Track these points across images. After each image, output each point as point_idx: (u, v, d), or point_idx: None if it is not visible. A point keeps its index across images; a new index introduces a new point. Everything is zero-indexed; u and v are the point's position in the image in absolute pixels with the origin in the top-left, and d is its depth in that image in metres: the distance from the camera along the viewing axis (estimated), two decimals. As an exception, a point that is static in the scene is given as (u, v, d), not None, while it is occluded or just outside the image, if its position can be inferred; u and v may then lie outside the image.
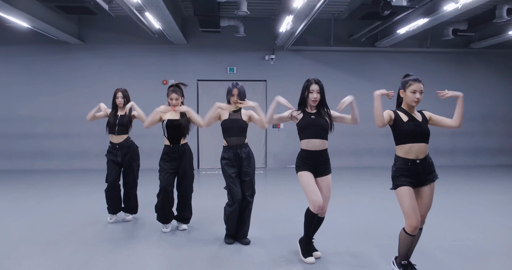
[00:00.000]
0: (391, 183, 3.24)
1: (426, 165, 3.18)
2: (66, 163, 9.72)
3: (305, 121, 3.63)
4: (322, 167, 3.64)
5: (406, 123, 3.17)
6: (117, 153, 4.89)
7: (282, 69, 10.17)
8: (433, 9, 7.17)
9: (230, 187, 4.07)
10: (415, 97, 3.16)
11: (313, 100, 3.63)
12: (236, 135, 4.12)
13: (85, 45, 9.76)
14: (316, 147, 3.60)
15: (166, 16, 7.17)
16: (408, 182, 3.12)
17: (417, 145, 3.15)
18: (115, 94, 4.93)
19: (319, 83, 3.69)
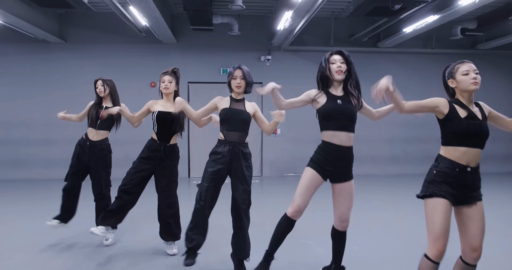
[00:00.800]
0: (406, 191, 2.57)
1: (477, 177, 2.51)
2: (45, 172, 8.96)
3: (330, 106, 2.92)
4: (344, 169, 2.96)
5: (464, 120, 2.49)
6: (86, 150, 4.18)
7: (279, 70, 9.52)
8: (446, 4, 6.58)
9: (207, 188, 3.19)
10: (471, 79, 2.52)
11: (337, 70, 2.92)
12: (237, 130, 3.29)
13: (66, 44, 9.03)
14: (342, 142, 2.91)
15: (153, 11, 6.50)
16: (448, 194, 2.44)
17: (473, 151, 2.47)
18: (95, 83, 4.31)
19: (344, 53, 3.01)
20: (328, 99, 2.95)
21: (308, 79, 10.04)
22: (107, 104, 4.26)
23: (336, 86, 3.01)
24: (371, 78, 10.71)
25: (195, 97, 9.33)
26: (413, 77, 9.92)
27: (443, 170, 2.49)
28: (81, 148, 4.23)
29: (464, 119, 2.50)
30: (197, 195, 3.24)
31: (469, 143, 2.48)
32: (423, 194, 2.53)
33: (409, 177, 9.34)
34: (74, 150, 4.28)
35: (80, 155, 4.21)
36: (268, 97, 3.00)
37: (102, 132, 4.23)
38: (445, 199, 2.44)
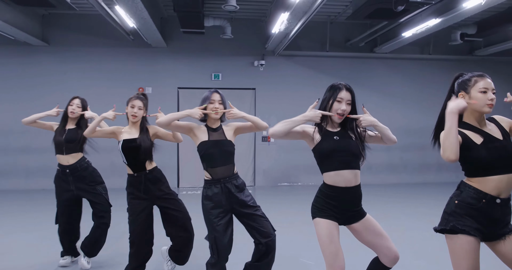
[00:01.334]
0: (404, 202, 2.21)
1: (507, 211, 2.14)
2: (23, 182, 8.43)
3: (327, 144, 2.51)
4: (352, 210, 2.51)
5: (481, 146, 2.11)
6: (69, 179, 3.73)
7: (272, 76, 9.16)
8: (449, 7, 6.30)
9: (216, 239, 2.83)
10: (487, 99, 2.14)
11: (339, 112, 2.51)
12: (222, 164, 2.94)
13: (49, 47, 8.55)
14: (347, 183, 2.47)
15: (141, 11, 6.09)
16: (473, 229, 2.07)
17: (505, 177, 2.08)
18: (71, 100, 3.86)
19: (351, 90, 2.58)
20: (324, 136, 2.55)
21: (303, 85, 9.79)
22: (71, 125, 3.85)
23: (333, 122, 2.62)
24: (367, 84, 10.48)
25: (185, 103, 8.91)
26: (410, 83, 9.66)
27: (466, 200, 2.13)
28: (61, 180, 3.79)
29: (481, 146, 2.12)
30: (210, 249, 2.90)
31: (497, 170, 2.09)
32: (442, 228, 2.16)
33: (407, 187, 9.03)
34: (56, 186, 3.83)
35: (64, 188, 3.76)
36: (260, 106, 2.59)
37: (74, 155, 3.79)
38: (470, 237, 2.08)
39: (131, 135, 3.37)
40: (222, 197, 2.90)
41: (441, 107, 2.31)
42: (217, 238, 2.82)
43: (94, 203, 3.79)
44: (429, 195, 8.03)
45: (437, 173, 9.81)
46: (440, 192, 8.33)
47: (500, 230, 2.13)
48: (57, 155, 3.79)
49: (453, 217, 2.14)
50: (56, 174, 3.84)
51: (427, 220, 5.88)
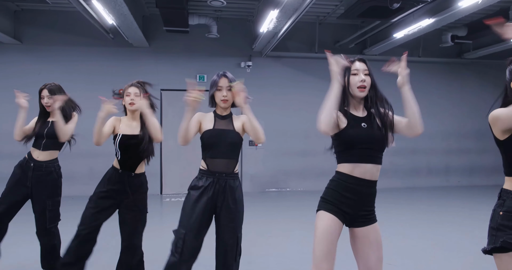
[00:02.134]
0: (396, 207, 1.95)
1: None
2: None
3: (354, 132, 2.18)
4: (365, 209, 2.21)
5: None
6: (28, 174, 3.37)
7: (260, 77, 8.83)
8: (443, 6, 6.10)
9: (186, 236, 2.46)
10: None
11: (359, 86, 2.22)
12: (224, 157, 2.60)
13: (22, 45, 8.05)
14: (366, 175, 2.17)
15: (120, 6, 5.69)
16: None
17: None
18: (40, 93, 3.51)
19: (365, 60, 2.33)
20: (350, 120, 2.22)
21: (291, 87, 9.48)
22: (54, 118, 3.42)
23: (356, 105, 2.31)
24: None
25: (168, 106, 8.50)
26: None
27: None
28: (22, 170, 3.42)
29: None
30: (172, 245, 2.50)
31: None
32: (492, 247, 1.84)
33: (397, 191, 8.82)
34: (13, 173, 3.46)
35: (20, 180, 3.39)
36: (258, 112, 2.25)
37: (49, 152, 3.46)
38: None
39: (132, 130, 3.03)
40: (210, 191, 2.56)
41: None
42: (186, 235, 2.47)
43: (37, 217, 3.42)
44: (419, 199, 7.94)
45: (427, 177, 9.68)
46: (430, 197, 8.24)
47: None
48: (32, 147, 3.47)
49: (502, 231, 1.85)
50: (20, 160, 3.49)
51: (413, 226, 5.65)
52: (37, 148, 3.44)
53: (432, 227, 5.62)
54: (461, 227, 5.62)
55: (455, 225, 5.72)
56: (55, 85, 3.54)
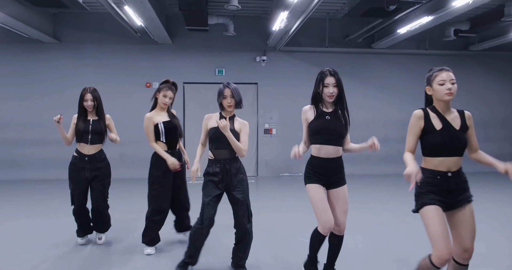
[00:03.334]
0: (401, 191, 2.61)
1: (460, 181, 2.53)
2: (39, 172, 8.89)
3: (319, 123, 3.02)
4: (335, 177, 3.03)
5: (439, 132, 2.50)
6: (86, 166, 4.03)
7: (274, 71, 9.54)
8: (439, 5, 6.64)
9: (204, 208, 3.30)
10: (445, 89, 2.50)
11: (329, 95, 2.99)
12: (226, 148, 3.33)
13: (60, 44, 8.98)
14: (329, 155, 3.01)
15: (148, 11, 6.48)
16: (437, 201, 2.47)
17: (452, 159, 2.50)
18: (83, 96, 4.03)
19: (336, 75, 3.04)
20: (318, 114, 3.05)
21: (303, 80, 10.14)
22: (93, 117, 4.11)
23: (327, 104, 3.09)
24: (365, 79, 10.87)
25: (190, 97, 9.32)
26: (407, 77, 9.99)
27: (425, 180, 2.52)
28: (78, 166, 4.05)
29: (439, 132, 2.51)
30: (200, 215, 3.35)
31: (447, 153, 2.50)
32: (417, 208, 2.56)
33: (403, 177, 9.41)
34: (71, 171, 4.10)
35: (80, 175, 4.04)
36: (262, 100, 3.00)
37: (97, 145, 4.11)
38: (435, 206, 2.47)
39: (165, 118, 3.92)
40: (220, 175, 3.32)
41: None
42: (206, 206, 3.29)
43: (94, 194, 4.10)
44: None
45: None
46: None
47: (459, 197, 2.51)
48: (80, 143, 4.04)
49: (420, 197, 2.54)
50: (72, 160, 4.08)
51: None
52: (86, 143, 4.02)
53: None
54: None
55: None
56: (95, 90, 4.09)
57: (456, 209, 2.53)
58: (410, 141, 2.60)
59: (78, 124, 4.04)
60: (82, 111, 4.07)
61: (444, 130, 2.52)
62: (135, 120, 9.15)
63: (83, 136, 4.02)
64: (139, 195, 4.11)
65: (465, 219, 2.51)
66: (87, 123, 4.04)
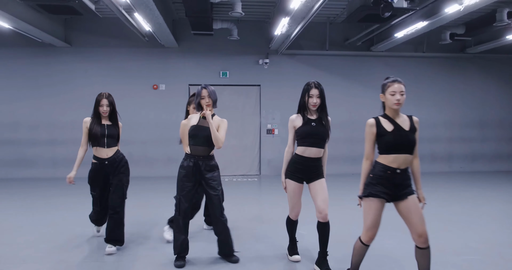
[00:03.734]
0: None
1: (406, 177, 2.93)
2: (50, 171, 9.27)
3: (305, 129, 3.50)
4: (315, 173, 3.54)
5: (391, 133, 2.89)
6: (107, 170, 4.05)
7: (276, 73, 9.89)
8: (433, 11, 6.96)
9: (180, 200, 3.66)
10: (394, 99, 2.87)
11: (312, 104, 3.48)
12: (201, 145, 3.65)
13: (72, 48, 9.37)
14: (312, 155, 3.50)
15: (157, 18, 6.84)
16: (382, 193, 2.89)
17: (402, 156, 2.88)
18: (99, 101, 4.04)
19: (319, 87, 3.50)
20: (304, 122, 3.52)
21: (304, 81, 10.24)
22: (107, 121, 4.11)
23: (312, 112, 3.56)
24: (365, 81, 11.17)
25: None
26: (405, 79, 10.06)
27: (377, 173, 2.91)
28: (99, 171, 4.08)
29: (391, 133, 2.89)
30: (175, 206, 3.73)
31: (399, 151, 2.87)
32: (363, 195, 2.99)
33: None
34: (92, 179, 4.15)
35: (104, 180, 4.10)
36: (265, 102, 3.37)
37: (113, 148, 4.10)
38: (378, 198, 2.89)
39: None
40: (192, 170, 3.64)
41: None
42: (181, 200, 3.64)
43: (113, 193, 4.06)
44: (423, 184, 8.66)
45: (431, 163, 10.46)
46: (433, 181, 9.01)
47: (403, 191, 2.90)
48: (96, 147, 4.02)
49: (369, 186, 2.94)
50: (92, 168, 4.11)
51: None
52: (102, 147, 4.01)
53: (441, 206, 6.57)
54: (456, 207, 6.55)
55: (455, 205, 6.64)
56: (110, 95, 4.10)
57: (401, 200, 2.92)
58: (367, 147, 3.00)
59: (93, 128, 4.02)
60: (97, 115, 4.08)
61: (395, 130, 2.90)
62: (142, 121, 9.56)
63: (100, 140, 4.01)
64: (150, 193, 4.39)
65: (411, 208, 2.89)
66: (102, 127, 4.04)
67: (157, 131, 9.41)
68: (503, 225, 5.17)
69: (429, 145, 10.49)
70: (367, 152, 3.01)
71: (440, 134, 10.57)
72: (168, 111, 9.39)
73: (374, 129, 2.94)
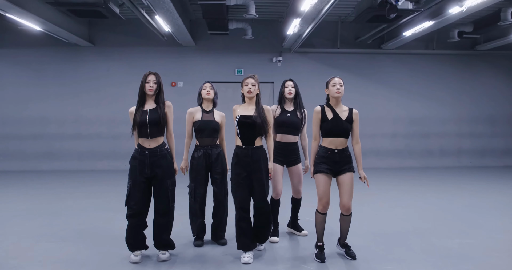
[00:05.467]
0: (394, 183, 3.45)
1: (344, 156, 3.61)
2: (76, 164, 9.87)
3: (281, 118, 4.18)
4: (293, 157, 4.20)
5: (330, 121, 3.60)
6: (146, 161, 3.52)
7: (289, 71, 10.24)
8: (438, 12, 7.25)
9: (195, 188, 4.07)
10: (335, 89, 3.60)
11: (288, 92, 4.18)
12: (208, 136, 4.08)
13: (95, 47, 9.93)
14: (288, 140, 4.18)
15: (176, 20, 7.30)
16: (326, 169, 3.59)
17: (338, 140, 3.61)
18: (146, 77, 3.56)
19: (293, 81, 4.29)
20: (281, 112, 4.22)
21: (317, 80, 10.75)
22: (150, 105, 3.62)
23: (288, 103, 4.26)
24: (375, 78, 11.45)
25: (211, 95, 10.11)
26: (416, 77, 10.56)
27: (320, 154, 3.67)
28: (139, 160, 3.54)
29: (330, 121, 3.61)
30: (189, 193, 4.15)
31: (335, 135, 3.61)
32: (312, 174, 3.69)
33: (411, 170, 9.89)
34: (131, 167, 3.61)
35: (139, 170, 3.54)
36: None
37: (157, 139, 3.60)
38: (323, 174, 3.60)
39: (248, 112, 3.69)
40: (203, 159, 4.05)
41: None
42: (196, 187, 4.07)
43: (157, 198, 3.63)
44: (432, 178, 8.79)
45: (440, 158, 10.71)
46: (443, 175, 9.21)
47: (342, 167, 3.61)
48: (140, 138, 3.57)
49: (316, 166, 3.65)
50: (133, 154, 3.59)
51: (425, 199, 6.96)
52: (145, 138, 3.54)
53: (448, 201, 6.88)
54: (466, 200, 6.85)
55: (465, 199, 6.88)
56: (158, 75, 3.65)
57: (340, 175, 3.62)
58: (315, 130, 3.69)
59: (135, 115, 3.57)
60: (141, 99, 3.60)
61: (333, 119, 3.61)
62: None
63: (142, 130, 3.55)
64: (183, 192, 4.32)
65: (344, 182, 3.59)
66: (144, 114, 3.54)
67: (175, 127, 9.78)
68: (503, 215, 5.45)
69: (438, 140, 10.73)
70: (314, 134, 3.70)
71: (449, 130, 10.79)
72: (186, 107, 9.37)
73: (320, 115, 3.65)
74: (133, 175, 3.57)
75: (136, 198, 3.55)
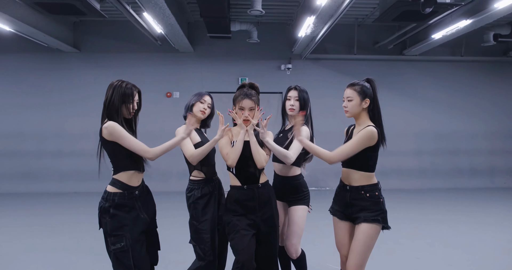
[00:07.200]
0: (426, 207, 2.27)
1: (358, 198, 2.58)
2: (57, 185, 8.67)
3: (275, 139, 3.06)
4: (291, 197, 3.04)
5: None
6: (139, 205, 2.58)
7: (299, 80, 9.09)
8: (480, 7, 6.11)
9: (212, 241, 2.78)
10: (343, 105, 2.73)
11: (289, 108, 3.05)
12: (214, 163, 2.98)
13: (80, 53, 8.82)
14: (277, 171, 3.07)
15: (168, 17, 6.19)
16: (335, 211, 2.74)
17: (345, 171, 2.68)
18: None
19: (298, 89, 3.12)
20: (279, 130, 3.22)
21: (330, 89, 9.68)
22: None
23: (290, 119, 3.16)
24: (396, 87, 10.23)
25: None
26: (441, 86, 9.42)
27: (336, 188, 2.78)
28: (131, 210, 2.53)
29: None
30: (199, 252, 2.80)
31: (343, 163, 2.69)
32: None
33: (438, 192, 8.73)
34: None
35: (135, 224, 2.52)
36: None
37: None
38: (334, 216, 2.75)
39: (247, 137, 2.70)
40: (214, 198, 2.89)
41: None
42: (212, 240, 2.80)
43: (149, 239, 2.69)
44: (461, 201, 7.75)
45: (470, 178, 9.50)
46: (473, 198, 8.09)
47: (355, 215, 2.56)
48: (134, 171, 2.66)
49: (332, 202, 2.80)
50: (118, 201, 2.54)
51: (455, 229, 5.71)
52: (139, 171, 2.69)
53: (473, 229, 5.66)
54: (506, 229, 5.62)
55: (500, 227, 5.72)
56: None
57: (355, 223, 2.59)
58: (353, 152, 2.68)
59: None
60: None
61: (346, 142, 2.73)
62: (154, 130, 8.87)
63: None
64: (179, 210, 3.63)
65: (355, 237, 2.54)
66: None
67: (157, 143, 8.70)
68: None
69: (468, 159, 9.54)
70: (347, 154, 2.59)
71: (480, 146, 9.59)
72: (182, 120, 8.67)
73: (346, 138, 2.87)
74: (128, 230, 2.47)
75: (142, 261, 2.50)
